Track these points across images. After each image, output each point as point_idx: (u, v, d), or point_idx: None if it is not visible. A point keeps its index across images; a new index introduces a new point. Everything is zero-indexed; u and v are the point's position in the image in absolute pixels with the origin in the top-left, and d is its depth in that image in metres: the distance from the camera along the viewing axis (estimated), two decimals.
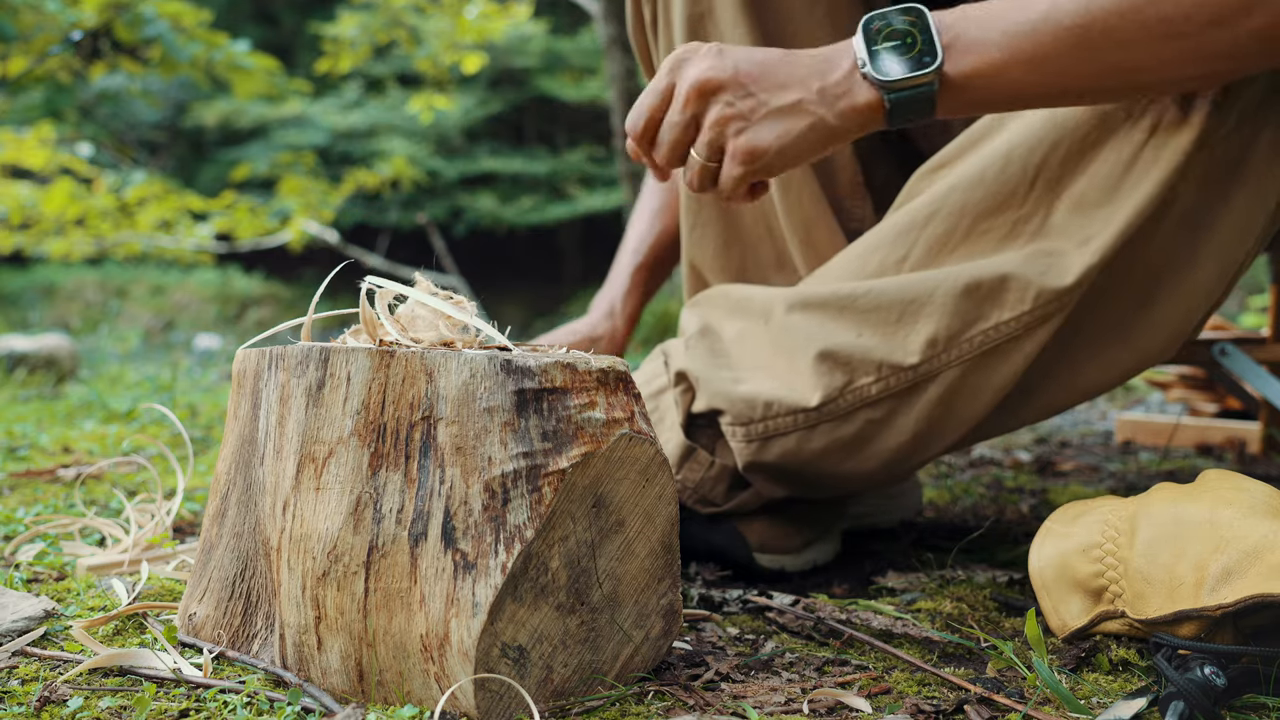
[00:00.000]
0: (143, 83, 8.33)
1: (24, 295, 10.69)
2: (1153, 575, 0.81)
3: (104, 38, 3.95)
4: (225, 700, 0.71)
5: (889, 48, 0.86)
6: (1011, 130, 0.99)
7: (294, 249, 7.42)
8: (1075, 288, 0.94)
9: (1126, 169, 0.94)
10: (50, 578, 1.00)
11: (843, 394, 1.00)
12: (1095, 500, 0.91)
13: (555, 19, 12.50)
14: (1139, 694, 0.74)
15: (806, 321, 1.02)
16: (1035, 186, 0.97)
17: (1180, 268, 0.97)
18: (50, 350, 2.87)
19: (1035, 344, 0.96)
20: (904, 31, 0.85)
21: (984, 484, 1.67)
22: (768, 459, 1.03)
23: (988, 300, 0.96)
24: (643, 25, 1.16)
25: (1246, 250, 0.98)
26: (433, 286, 0.82)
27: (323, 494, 0.71)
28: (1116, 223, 0.94)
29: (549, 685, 0.72)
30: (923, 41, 0.85)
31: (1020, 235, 0.97)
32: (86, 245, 6.76)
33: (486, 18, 6.35)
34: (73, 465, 1.57)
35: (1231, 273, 0.99)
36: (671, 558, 0.78)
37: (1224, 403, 2.24)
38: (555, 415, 0.70)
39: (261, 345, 0.81)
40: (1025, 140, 0.98)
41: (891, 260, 1.02)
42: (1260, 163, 0.94)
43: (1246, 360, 1.39)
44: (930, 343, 0.97)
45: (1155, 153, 0.93)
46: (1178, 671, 0.71)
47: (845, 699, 0.74)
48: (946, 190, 1.01)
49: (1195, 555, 0.79)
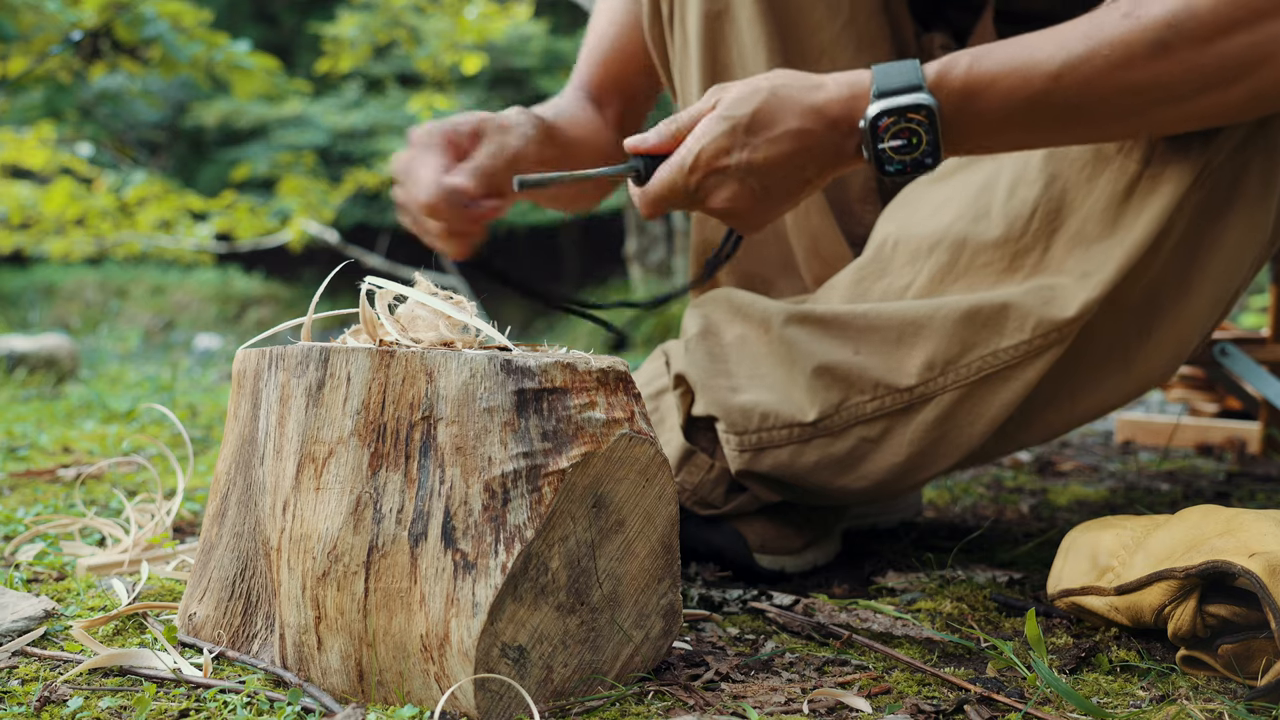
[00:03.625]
0: (143, 83, 8.33)
1: (24, 295, 10.69)
2: (1155, 549, 0.83)
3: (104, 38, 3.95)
4: (225, 700, 0.71)
5: (895, 147, 0.87)
6: (1014, 160, 1.00)
7: (294, 249, 7.42)
8: (1076, 320, 0.95)
9: (1124, 201, 0.95)
10: (50, 578, 1.00)
11: (838, 410, 1.00)
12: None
13: (555, 19, 12.50)
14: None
15: (805, 335, 1.02)
16: (1035, 219, 0.98)
17: (1177, 296, 0.98)
18: (50, 350, 2.87)
19: (1034, 373, 0.96)
20: (912, 131, 0.87)
21: (984, 484, 1.67)
22: (760, 469, 1.03)
23: (987, 327, 0.96)
24: (660, 20, 1.16)
25: (1242, 276, 1.00)
26: (432, 286, 0.82)
27: (323, 494, 0.71)
28: (1116, 258, 0.95)
29: (549, 685, 0.72)
30: (928, 142, 0.87)
31: (1021, 268, 0.98)
32: (86, 245, 6.76)
33: (486, 18, 6.35)
34: (73, 465, 1.57)
35: (1227, 298, 1.00)
36: (671, 558, 0.78)
37: (1224, 403, 2.24)
38: (555, 415, 0.70)
39: (261, 345, 0.81)
40: (1026, 174, 0.99)
41: (895, 288, 1.03)
42: (1253, 191, 0.95)
43: (1246, 360, 1.39)
44: (928, 365, 0.98)
45: (1151, 184, 0.94)
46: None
47: (845, 699, 0.74)
48: (951, 219, 1.02)
49: (1201, 535, 0.80)
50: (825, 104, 0.88)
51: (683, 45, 1.13)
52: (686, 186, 0.90)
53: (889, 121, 0.86)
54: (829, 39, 1.09)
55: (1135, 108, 0.86)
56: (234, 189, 7.71)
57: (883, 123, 0.86)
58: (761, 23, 1.07)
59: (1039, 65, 0.85)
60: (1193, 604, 0.79)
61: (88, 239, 6.72)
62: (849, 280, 1.07)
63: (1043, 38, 0.86)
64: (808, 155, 0.89)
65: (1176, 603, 0.80)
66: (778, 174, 0.89)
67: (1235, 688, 0.77)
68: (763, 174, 0.89)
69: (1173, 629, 0.80)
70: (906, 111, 0.86)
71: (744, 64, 1.09)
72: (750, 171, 0.89)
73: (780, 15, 1.08)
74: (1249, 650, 0.76)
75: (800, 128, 0.88)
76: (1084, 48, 0.84)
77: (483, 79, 11.96)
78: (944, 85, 0.86)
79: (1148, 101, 0.85)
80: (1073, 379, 1.00)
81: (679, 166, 0.90)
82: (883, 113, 0.86)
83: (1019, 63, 0.85)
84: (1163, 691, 0.76)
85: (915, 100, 0.86)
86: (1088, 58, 0.83)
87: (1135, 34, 0.82)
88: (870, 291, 1.04)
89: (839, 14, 1.08)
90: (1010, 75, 0.85)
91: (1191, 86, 0.83)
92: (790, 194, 0.92)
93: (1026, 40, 0.87)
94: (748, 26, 1.08)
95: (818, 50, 1.08)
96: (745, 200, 0.90)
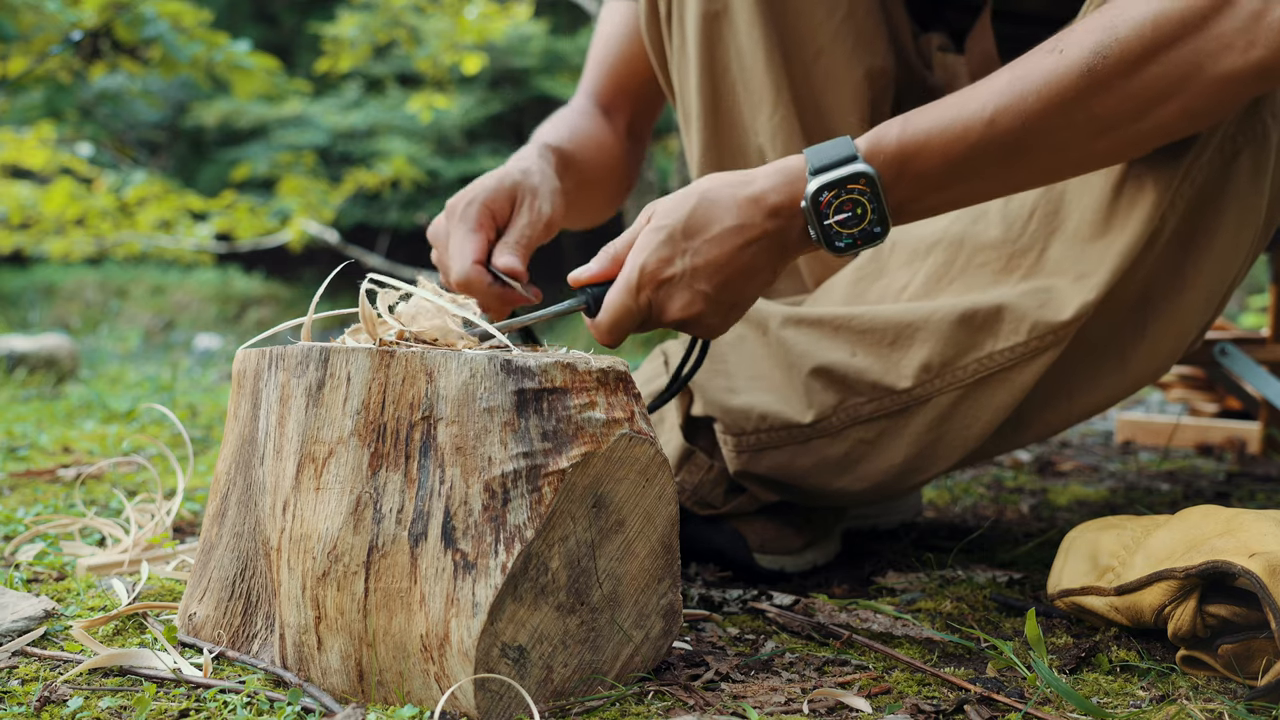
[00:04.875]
0: (143, 83, 8.33)
1: (24, 295, 10.68)
2: (1155, 549, 0.83)
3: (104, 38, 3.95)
4: (225, 700, 0.71)
5: (840, 221, 0.85)
6: None
7: (294, 249, 7.42)
8: (1072, 322, 0.95)
9: (1114, 200, 0.95)
10: (50, 578, 1.00)
11: (835, 412, 1.00)
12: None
13: (555, 19, 12.49)
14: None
15: (802, 337, 1.02)
16: (1033, 220, 0.98)
17: (1172, 292, 0.98)
18: (50, 350, 2.87)
19: (1031, 375, 0.96)
20: (855, 202, 0.85)
21: (984, 484, 1.67)
22: (758, 470, 1.03)
23: (982, 329, 0.97)
24: (657, 20, 1.15)
25: (1236, 269, 1.00)
26: (435, 287, 0.82)
27: (323, 494, 0.71)
28: (1111, 258, 0.95)
29: (549, 685, 0.72)
30: (873, 211, 0.85)
31: (1018, 268, 0.98)
32: (86, 245, 6.76)
33: (486, 18, 6.35)
34: (73, 465, 1.57)
35: (1222, 292, 1.00)
36: (671, 558, 0.78)
37: (1224, 403, 2.24)
38: (555, 415, 0.70)
39: (261, 345, 0.81)
40: None
41: (893, 289, 1.03)
42: (1243, 183, 0.95)
43: (1246, 360, 1.39)
44: (924, 368, 0.98)
45: (1139, 182, 0.94)
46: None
47: (845, 699, 0.74)
48: (950, 220, 1.02)
49: (1202, 535, 0.80)
50: (760, 194, 0.86)
51: (680, 46, 1.13)
52: (638, 306, 0.88)
53: (830, 196, 0.85)
54: (827, 37, 1.08)
55: (1074, 141, 0.85)
56: (234, 189, 7.71)
57: (824, 198, 0.85)
58: (760, 23, 1.07)
59: (973, 115, 0.84)
60: (1193, 604, 0.79)
61: (88, 239, 6.72)
62: (848, 281, 1.07)
63: (972, 90, 0.86)
64: (753, 250, 0.87)
65: (1176, 603, 0.80)
66: (726, 273, 0.87)
67: (1235, 688, 0.77)
68: (710, 276, 0.86)
69: (1173, 629, 0.80)
70: (846, 183, 0.84)
71: (741, 64, 1.09)
72: (697, 276, 0.86)
73: (778, 15, 1.07)
74: (1249, 650, 0.76)
75: (738, 223, 0.86)
76: (1016, 90, 0.83)
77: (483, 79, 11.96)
78: (879, 152, 0.85)
79: (1086, 133, 0.84)
80: (1070, 379, 1.00)
81: (625, 288, 0.87)
82: (822, 188, 0.84)
83: (950, 118, 0.85)
84: (1163, 691, 0.76)
85: (853, 170, 0.84)
86: (1020, 98, 0.83)
87: (1063, 68, 0.82)
88: (868, 292, 1.04)
89: (837, 10, 1.08)
90: (945, 131, 0.84)
91: (1126, 113, 0.83)
92: (745, 291, 0.89)
93: (955, 96, 0.86)
94: (746, 27, 1.07)
95: (815, 50, 1.08)
96: (699, 305, 0.87)
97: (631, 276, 0.87)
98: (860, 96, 1.09)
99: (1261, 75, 0.80)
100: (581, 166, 1.21)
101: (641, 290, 0.87)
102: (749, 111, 1.10)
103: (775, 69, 1.07)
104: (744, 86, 1.09)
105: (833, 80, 1.09)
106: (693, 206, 0.87)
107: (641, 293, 0.87)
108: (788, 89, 1.07)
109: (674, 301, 0.87)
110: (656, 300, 0.88)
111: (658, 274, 0.87)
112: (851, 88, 1.08)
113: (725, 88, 1.10)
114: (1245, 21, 0.79)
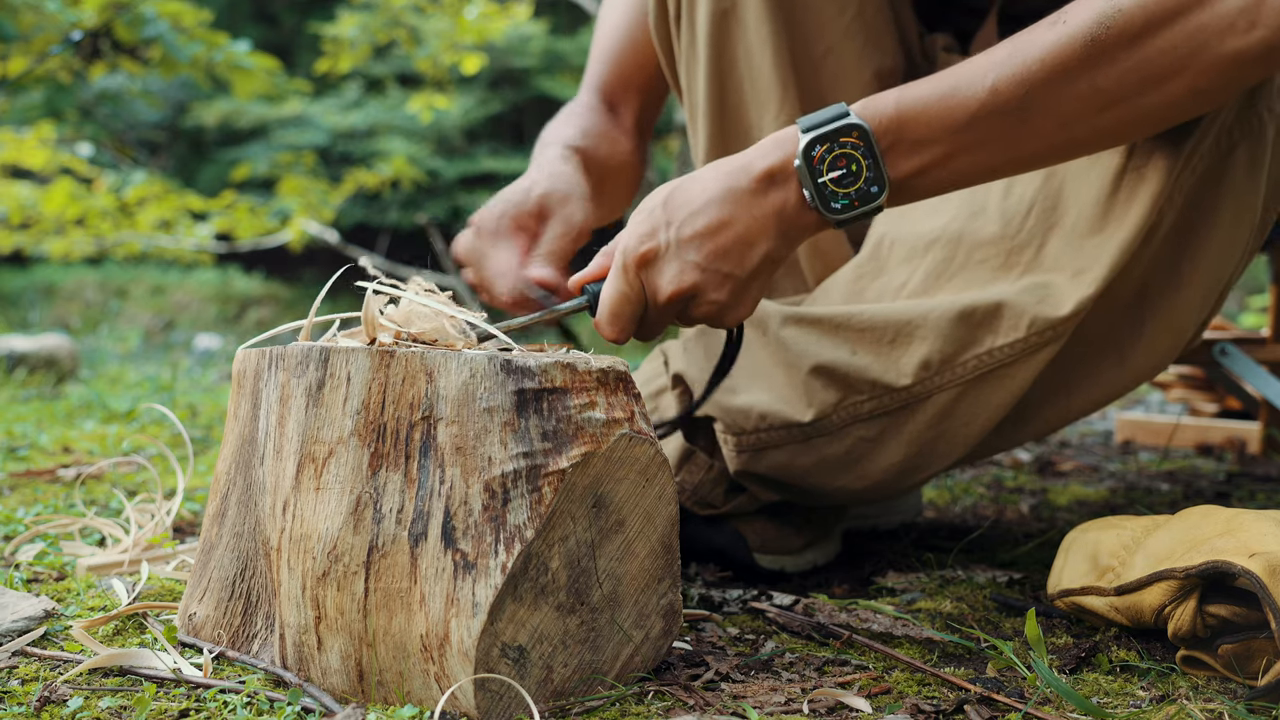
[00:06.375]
0: (143, 83, 8.33)
1: (24, 295, 10.68)
2: (1155, 549, 0.83)
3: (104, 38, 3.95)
4: (225, 700, 0.71)
5: (835, 179, 0.84)
6: None
7: (294, 249, 7.41)
8: (1071, 318, 0.95)
9: (1112, 194, 0.95)
10: (50, 578, 1.00)
11: (835, 411, 1.00)
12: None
13: (555, 19, 12.49)
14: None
15: (801, 336, 1.02)
16: (1031, 215, 0.98)
17: (1169, 288, 0.98)
18: (50, 350, 2.87)
19: (1030, 371, 0.96)
20: (849, 157, 0.84)
21: (984, 484, 1.67)
22: (759, 469, 1.03)
23: (982, 326, 0.96)
24: (666, 18, 1.15)
25: (1234, 264, 0.99)
26: (433, 287, 0.82)
27: (323, 494, 0.71)
28: (1109, 253, 0.95)
29: (549, 685, 0.72)
30: (869, 168, 0.84)
31: (1017, 265, 0.98)
32: (86, 245, 6.76)
33: (486, 18, 6.34)
34: (73, 465, 1.57)
35: (1219, 288, 1.00)
36: (671, 558, 0.78)
37: (1224, 403, 2.24)
38: (555, 415, 0.70)
39: (261, 345, 0.81)
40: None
41: (892, 286, 1.03)
42: (1239, 177, 0.95)
43: (1246, 360, 1.39)
44: (924, 365, 0.98)
45: (1137, 176, 0.94)
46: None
47: (845, 699, 0.74)
48: (949, 216, 1.01)
49: (1202, 535, 0.80)
50: (748, 162, 0.86)
51: (690, 43, 1.12)
52: (631, 288, 0.87)
53: (823, 150, 0.84)
54: (836, 35, 1.08)
55: (1079, 114, 0.84)
56: (234, 189, 7.71)
57: (816, 152, 0.84)
58: (769, 20, 1.07)
59: (974, 83, 0.83)
60: (1193, 604, 0.79)
61: (88, 239, 6.71)
62: (847, 279, 1.07)
63: (971, 61, 0.85)
64: (744, 217, 0.85)
65: (1176, 603, 0.80)
66: (716, 241, 0.85)
67: (1235, 688, 0.77)
68: (699, 245, 0.85)
69: (1173, 629, 0.80)
70: (839, 135, 0.84)
71: (750, 62, 1.09)
72: (684, 247, 0.85)
73: (788, 12, 1.07)
74: (1249, 650, 0.76)
75: (722, 189, 0.85)
76: (1017, 59, 0.83)
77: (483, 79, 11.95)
78: (875, 114, 0.84)
79: (1091, 106, 0.84)
80: (1069, 375, 1.00)
81: (615, 272, 0.87)
82: (814, 141, 0.84)
83: (950, 85, 0.84)
84: (1163, 691, 0.76)
85: (845, 122, 0.84)
86: (1023, 66, 0.82)
87: (1066, 38, 0.82)
88: (868, 290, 1.04)
89: (847, 8, 1.08)
90: (945, 98, 0.84)
91: (1130, 87, 0.83)
92: (744, 262, 0.86)
93: (954, 67, 0.86)
94: (755, 24, 1.07)
95: (824, 48, 1.08)
96: (692, 276, 0.85)
97: (620, 260, 0.87)
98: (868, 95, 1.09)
99: (1267, 55, 0.80)
100: (599, 164, 1.21)
101: (629, 271, 0.87)
102: (755, 110, 1.10)
103: (783, 67, 1.07)
104: (751, 84, 1.09)
105: (841, 79, 1.08)
106: (676, 184, 0.87)
107: (630, 273, 0.87)
108: (795, 87, 1.07)
109: (664, 275, 0.86)
110: (648, 279, 0.87)
111: (642, 250, 0.86)
112: (860, 87, 1.08)
113: (733, 85, 1.10)
114: (1247, 1, 0.79)
